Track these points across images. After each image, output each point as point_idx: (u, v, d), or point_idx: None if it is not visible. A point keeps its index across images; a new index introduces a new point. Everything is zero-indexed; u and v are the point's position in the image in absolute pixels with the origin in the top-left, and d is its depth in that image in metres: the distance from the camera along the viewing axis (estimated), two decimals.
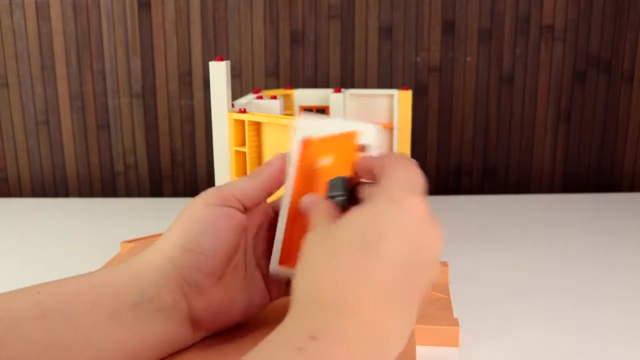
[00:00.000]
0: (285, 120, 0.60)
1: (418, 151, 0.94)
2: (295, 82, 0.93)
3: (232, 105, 0.64)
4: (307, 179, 0.48)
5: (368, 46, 0.93)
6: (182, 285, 0.40)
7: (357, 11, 0.92)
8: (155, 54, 0.92)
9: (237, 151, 0.64)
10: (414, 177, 0.36)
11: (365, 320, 0.31)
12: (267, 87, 0.94)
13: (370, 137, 0.45)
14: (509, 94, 0.94)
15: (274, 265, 0.48)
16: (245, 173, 0.64)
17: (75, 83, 0.93)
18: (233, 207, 0.41)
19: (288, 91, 0.80)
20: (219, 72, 0.62)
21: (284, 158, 0.45)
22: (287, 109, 0.81)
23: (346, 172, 0.44)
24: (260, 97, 0.71)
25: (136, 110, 0.94)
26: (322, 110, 0.78)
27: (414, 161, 0.38)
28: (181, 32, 0.92)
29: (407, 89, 0.75)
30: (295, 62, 0.93)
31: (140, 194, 0.97)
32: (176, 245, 0.41)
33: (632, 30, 0.92)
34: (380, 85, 0.94)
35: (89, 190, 0.97)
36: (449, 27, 0.92)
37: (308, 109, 0.80)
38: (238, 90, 0.93)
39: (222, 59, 0.62)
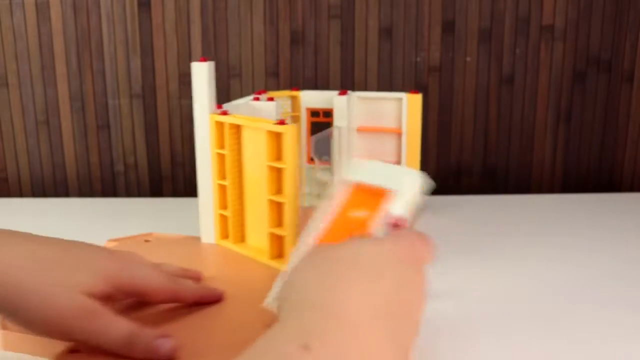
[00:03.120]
0: (263, 124, 0.58)
1: None
2: (295, 82, 0.93)
3: (220, 107, 0.63)
4: (338, 224, 0.48)
5: (368, 46, 0.93)
6: None
7: (357, 11, 0.92)
8: (155, 54, 0.92)
9: (218, 154, 0.63)
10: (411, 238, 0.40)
11: (356, 333, 0.31)
12: (267, 87, 0.94)
13: (407, 183, 0.45)
14: (509, 94, 0.94)
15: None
16: (224, 176, 0.63)
17: (75, 83, 0.93)
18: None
19: (295, 92, 0.79)
20: (201, 73, 0.61)
21: (212, 294, 0.50)
22: (295, 111, 0.80)
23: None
24: (257, 99, 0.70)
25: (136, 110, 0.94)
26: (329, 113, 0.77)
27: (424, 238, 0.41)
28: (181, 32, 0.92)
29: (416, 92, 0.74)
30: (295, 62, 0.93)
31: (140, 194, 0.97)
32: None
33: (632, 30, 0.92)
34: (380, 85, 0.94)
35: (89, 190, 0.97)
36: (449, 27, 0.92)
37: (315, 112, 0.80)
38: (238, 90, 0.93)
39: (205, 60, 0.61)
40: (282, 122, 0.56)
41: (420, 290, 0.37)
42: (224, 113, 0.62)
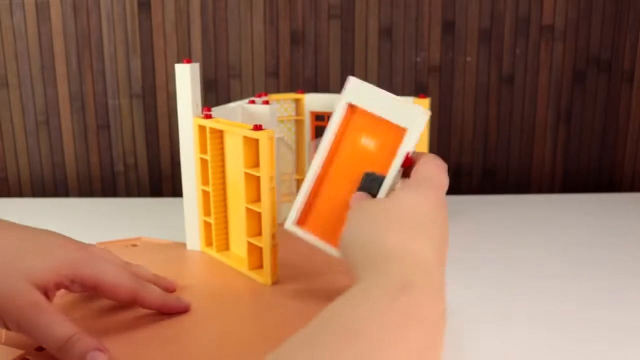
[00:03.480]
0: (241, 129, 0.55)
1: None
2: (295, 83, 0.93)
3: (208, 109, 0.60)
4: (346, 150, 0.49)
5: (368, 46, 0.93)
6: None
7: (357, 11, 0.92)
8: (155, 54, 0.92)
9: (201, 158, 0.61)
10: (435, 175, 0.45)
11: (430, 272, 0.37)
12: (267, 87, 0.94)
13: (417, 123, 0.47)
14: (509, 94, 0.94)
15: (290, 223, 0.50)
16: (207, 182, 0.61)
17: (75, 83, 0.93)
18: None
19: (299, 95, 0.77)
20: (184, 75, 0.59)
21: (177, 304, 0.50)
22: (298, 114, 0.78)
23: (383, 168, 0.47)
24: (253, 102, 0.68)
25: (136, 110, 0.94)
26: None
27: (439, 161, 0.46)
28: (181, 32, 0.92)
29: (424, 96, 0.73)
30: (295, 62, 0.93)
31: (140, 194, 0.97)
32: None
33: (632, 30, 0.92)
34: (380, 85, 0.93)
35: (89, 190, 0.97)
36: (449, 27, 0.92)
37: (319, 115, 0.78)
38: (238, 90, 0.93)
39: (189, 61, 0.59)
40: (258, 128, 0.53)
41: (446, 223, 0.44)
42: (208, 116, 0.59)
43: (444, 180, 0.45)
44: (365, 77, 0.93)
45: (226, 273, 0.58)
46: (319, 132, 0.78)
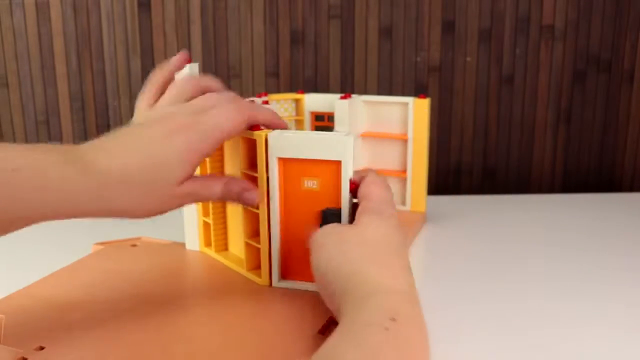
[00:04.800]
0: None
1: None
2: (295, 83, 0.93)
3: None
4: (294, 198, 0.52)
5: (368, 46, 0.93)
6: None
7: (357, 11, 0.92)
8: (155, 54, 0.92)
9: None
10: (388, 195, 0.48)
11: (414, 301, 0.39)
12: (267, 87, 0.94)
13: (345, 152, 0.49)
14: (509, 94, 0.94)
15: (276, 280, 0.52)
16: None
17: (75, 83, 0.93)
18: None
19: (299, 95, 0.77)
20: (184, 75, 0.58)
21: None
22: (298, 114, 0.78)
23: (334, 201, 0.50)
24: (252, 102, 0.68)
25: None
26: (334, 117, 0.75)
27: (380, 179, 0.49)
28: (181, 32, 0.92)
29: (424, 96, 0.73)
30: (295, 62, 0.93)
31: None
32: None
33: (632, 30, 0.92)
34: (380, 85, 0.94)
35: None
36: (449, 27, 0.92)
37: (319, 115, 0.78)
38: (238, 90, 0.93)
39: (189, 61, 0.58)
40: (256, 128, 0.52)
41: (405, 239, 0.46)
42: None
43: (392, 199, 0.48)
44: (365, 77, 0.93)
45: (225, 273, 0.58)
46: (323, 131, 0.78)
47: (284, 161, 0.51)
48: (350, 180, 0.49)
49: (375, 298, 0.38)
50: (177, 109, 0.48)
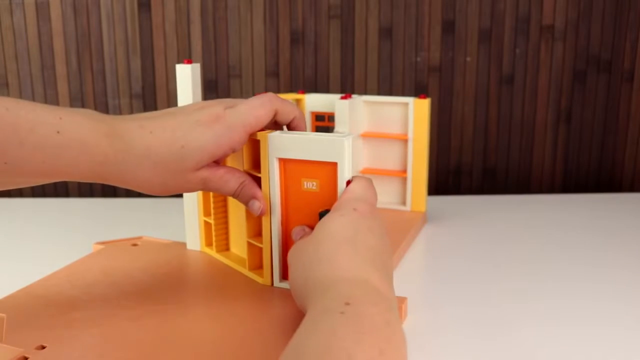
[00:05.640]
0: None
1: None
2: (295, 83, 0.93)
3: None
4: (294, 199, 0.52)
5: (368, 46, 0.93)
6: None
7: (357, 11, 0.92)
8: (155, 54, 0.92)
9: None
10: (362, 193, 0.49)
11: (370, 285, 0.40)
12: (267, 87, 0.94)
13: (343, 153, 0.49)
14: (509, 94, 0.94)
15: (277, 280, 0.52)
16: None
17: (75, 83, 0.93)
18: None
19: (299, 96, 0.77)
20: (185, 75, 0.59)
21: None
22: None
23: (332, 201, 0.50)
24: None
25: (136, 111, 0.94)
26: (334, 117, 0.75)
27: (365, 180, 0.50)
28: (181, 32, 0.92)
29: (424, 96, 0.73)
30: (295, 62, 0.93)
31: (140, 194, 0.97)
32: None
33: (632, 30, 0.92)
34: (380, 85, 0.94)
35: (89, 190, 0.97)
36: (449, 27, 0.92)
37: (320, 115, 0.79)
38: (238, 90, 0.93)
39: (190, 62, 0.59)
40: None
41: (382, 226, 0.47)
42: None
43: (371, 197, 0.48)
44: (365, 77, 0.93)
45: (226, 273, 0.58)
46: (319, 132, 0.77)
47: (284, 162, 0.52)
48: (347, 182, 0.49)
49: (329, 289, 0.39)
50: (212, 102, 0.51)
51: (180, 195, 0.64)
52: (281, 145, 0.51)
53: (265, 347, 0.44)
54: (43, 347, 0.43)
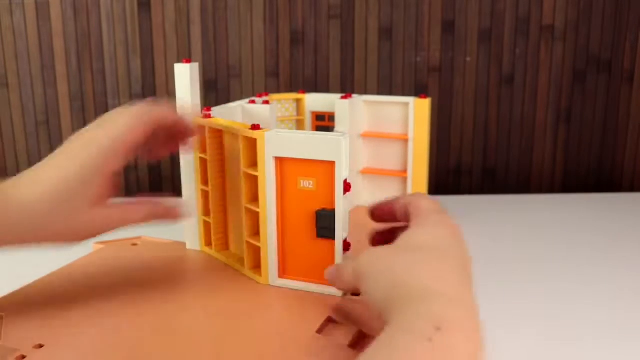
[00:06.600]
0: (240, 129, 0.54)
1: None
2: (295, 82, 0.93)
3: (208, 109, 0.60)
4: (291, 197, 0.52)
5: (368, 46, 0.93)
6: None
7: (357, 11, 0.92)
8: (155, 54, 0.92)
9: (200, 158, 0.60)
10: (432, 206, 0.45)
11: (465, 305, 0.35)
12: (267, 87, 0.94)
13: (340, 152, 0.49)
14: (509, 94, 0.94)
15: (273, 278, 0.52)
16: (207, 182, 0.60)
17: (75, 83, 0.93)
18: None
19: (300, 95, 0.78)
20: (184, 75, 0.59)
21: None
22: (299, 114, 0.78)
23: (329, 201, 0.50)
24: (253, 102, 0.68)
25: None
26: (335, 117, 0.75)
27: (429, 198, 0.47)
28: (181, 32, 0.92)
29: (424, 96, 0.73)
30: (295, 62, 0.93)
31: (140, 194, 0.97)
32: None
33: (632, 30, 0.92)
34: (380, 85, 0.94)
35: None
36: (449, 27, 0.92)
37: (320, 115, 0.79)
38: (238, 90, 0.93)
39: (189, 61, 0.59)
40: (256, 127, 0.53)
41: (464, 243, 0.44)
42: (207, 116, 0.59)
43: (440, 208, 0.45)
44: (365, 77, 0.93)
45: (225, 272, 0.58)
46: (319, 131, 0.78)
47: (280, 160, 0.52)
48: (345, 181, 0.49)
49: (421, 302, 0.35)
50: (85, 128, 0.47)
51: (178, 195, 0.64)
52: (278, 144, 0.51)
53: (263, 346, 0.44)
54: (41, 346, 0.43)
